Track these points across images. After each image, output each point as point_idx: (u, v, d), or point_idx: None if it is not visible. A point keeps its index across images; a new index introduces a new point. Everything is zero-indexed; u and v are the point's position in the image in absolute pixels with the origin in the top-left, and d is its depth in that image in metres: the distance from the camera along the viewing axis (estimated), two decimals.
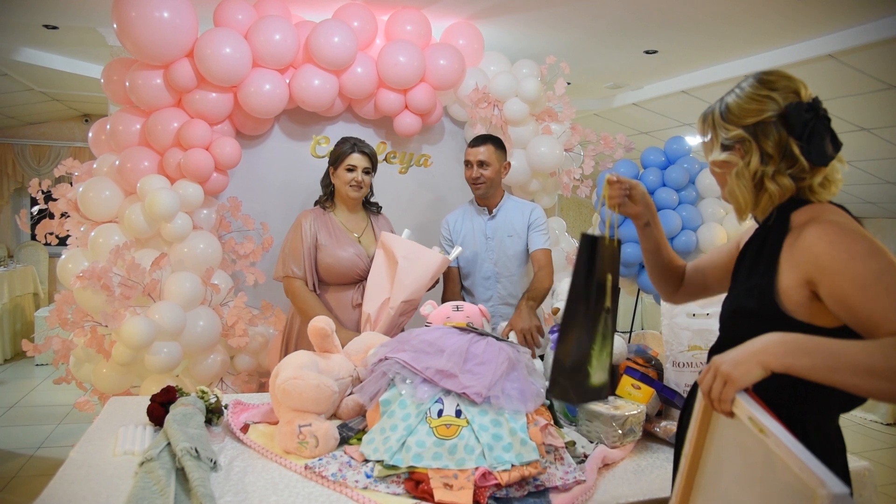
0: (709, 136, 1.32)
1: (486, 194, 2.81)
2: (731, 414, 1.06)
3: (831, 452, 1.20)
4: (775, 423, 0.99)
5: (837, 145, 1.21)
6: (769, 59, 4.10)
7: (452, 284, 2.85)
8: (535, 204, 2.92)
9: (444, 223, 2.94)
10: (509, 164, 2.88)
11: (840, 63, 3.81)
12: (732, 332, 1.26)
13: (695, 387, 1.35)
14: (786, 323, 1.15)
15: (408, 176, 3.68)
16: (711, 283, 1.56)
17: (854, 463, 1.74)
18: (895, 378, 0.97)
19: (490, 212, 2.85)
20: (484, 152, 2.75)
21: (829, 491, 0.83)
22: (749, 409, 1.02)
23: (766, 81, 1.23)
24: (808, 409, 1.19)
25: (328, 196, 2.74)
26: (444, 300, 2.85)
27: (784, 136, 1.19)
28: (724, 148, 1.27)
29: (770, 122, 1.20)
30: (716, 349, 1.29)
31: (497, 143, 2.79)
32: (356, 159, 2.63)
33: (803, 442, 0.98)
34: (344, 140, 2.70)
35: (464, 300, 2.78)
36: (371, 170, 2.69)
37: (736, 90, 1.27)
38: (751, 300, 1.23)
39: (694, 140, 4.53)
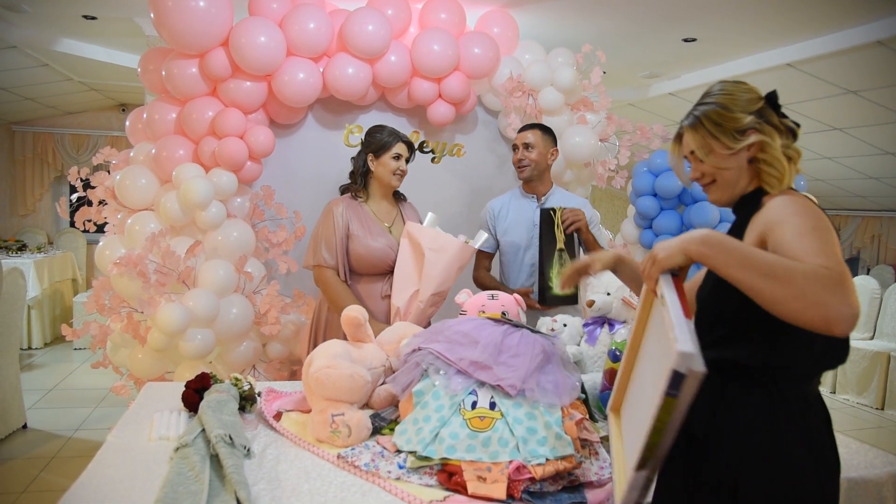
0: (710, 140, 1.37)
1: (531, 177, 2.81)
2: (654, 292, 1.24)
3: (811, 417, 1.27)
4: (675, 298, 1.13)
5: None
6: (812, 47, 3.97)
7: (482, 267, 2.89)
8: (584, 199, 2.90)
9: (488, 210, 2.92)
10: (557, 150, 2.87)
11: (889, 50, 3.67)
12: (705, 305, 1.36)
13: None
14: None
15: (441, 165, 3.66)
16: None
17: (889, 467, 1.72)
18: (792, 283, 1.07)
19: (539, 199, 2.84)
20: (529, 136, 2.78)
21: (680, 348, 0.95)
22: (663, 287, 1.17)
23: (732, 82, 1.38)
24: (782, 374, 1.27)
25: (363, 184, 2.72)
26: (475, 281, 2.91)
27: (776, 116, 1.35)
28: (742, 133, 1.34)
29: (763, 106, 1.34)
30: (697, 324, 1.32)
31: (544, 129, 2.83)
32: (401, 148, 2.63)
33: (782, 405, 1.23)
34: (380, 128, 2.68)
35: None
36: (411, 158, 2.70)
37: (717, 93, 1.38)
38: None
39: None
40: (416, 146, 2.76)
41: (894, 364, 5.00)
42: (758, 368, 1.26)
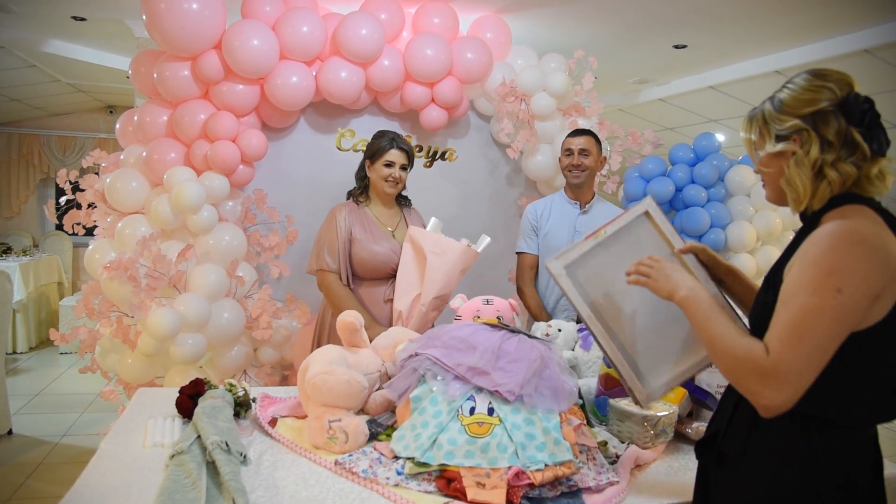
0: (757, 135, 1.31)
1: (583, 184, 2.85)
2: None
3: (855, 464, 1.19)
4: None
5: (888, 141, 1.21)
6: (801, 55, 4.02)
7: (529, 272, 2.91)
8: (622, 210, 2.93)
9: (530, 211, 2.94)
10: (605, 159, 2.94)
11: (876, 58, 3.72)
12: (752, 323, 1.30)
13: (730, 387, 1.36)
14: None
15: (433, 169, 3.66)
16: None
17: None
18: (724, 362, 1.18)
19: (582, 206, 2.85)
20: (585, 142, 2.82)
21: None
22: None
23: (820, 74, 1.23)
24: (821, 420, 1.19)
25: (362, 189, 2.71)
26: (519, 292, 2.95)
27: (843, 124, 1.19)
28: (780, 139, 1.25)
29: (828, 110, 1.19)
30: None
31: (596, 137, 2.88)
32: (394, 155, 2.60)
33: (822, 447, 1.17)
34: (382, 134, 2.67)
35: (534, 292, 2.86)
36: (408, 166, 2.66)
37: (788, 85, 1.26)
38: (765, 292, 1.27)
39: (723, 137, 4.46)
40: (413, 154, 2.71)
41: None
42: (794, 412, 1.16)
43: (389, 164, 2.61)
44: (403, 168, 2.64)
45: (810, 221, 1.24)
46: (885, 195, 1.25)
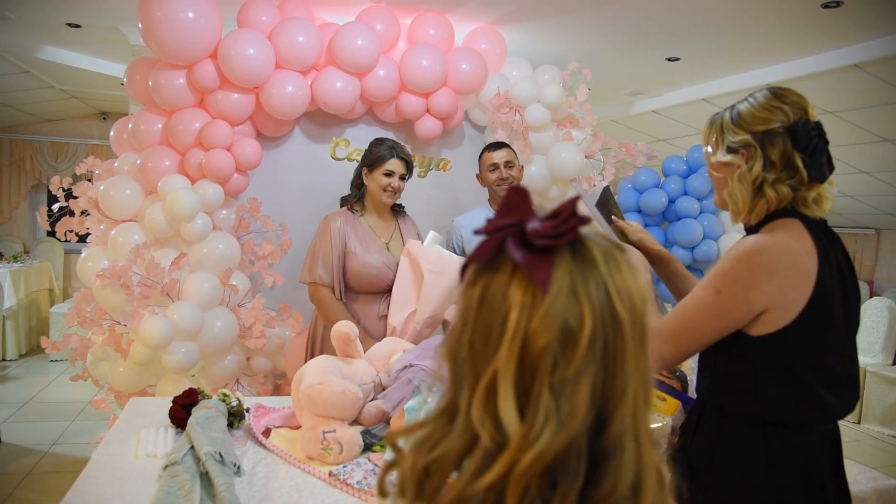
0: (713, 140, 1.37)
1: None
2: None
3: (813, 464, 1.27)
4: None
5: (831, 167, 1.30)
6: (793, 68, 4.06)
7: None
8: None
9: (455, 229, 2.93)
10: (522, 167, 3.02)
11: (865, 73, 3.77)
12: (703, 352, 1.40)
13: (694, 400, 1.47)
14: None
15: (427, 180, 3.67)
16: None
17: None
18: None
19: None
20: (507, 154, 2.87)
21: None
22: None
23: (779, 94, 1.30)
24: (773, 424, 1.29)
25: (358, 197, 2.69)
26: None
27: (789, 147, 1.26)
28: (729, 150, 1.32)
29: (777, 132, 1.27)
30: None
31: (511, 147, 2.97)
32: (394, 164, 2.56)
33: (782, 451, 1.25)
34: (380, 141, 2.63)
35: None
36: (407, 175, 2.62)
37: (749, 99, 1.33)
38: None
39: None
40: (413, 163, 2.68)
41: (870, 379, 5.09)
42: (749, 416, 1.27)
43: (389, 174, 2.56)
44: (402, 178, 2.60)
45: (749, 232, 1.35)
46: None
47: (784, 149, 1.26)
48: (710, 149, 1.39)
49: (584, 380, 0.58)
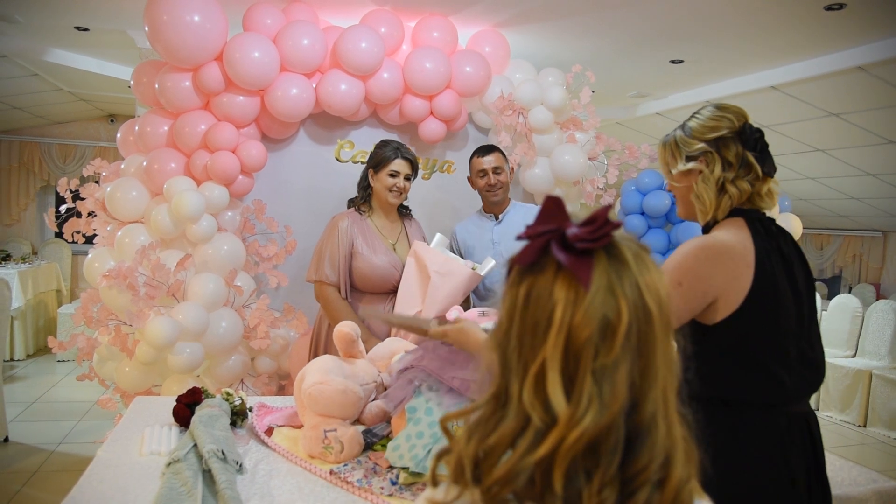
0: (670, 158, 1.53)
1: (503, 199, 2.87)
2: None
3: (771, 443, 1.36)
4: None
5: (774, 166, 1.48)
6: (797, 70, 4.06)
7: None
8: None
9: (454, 235, 2.97)
10: (513, 168, 3.01)
11: (869, 75, 3.77)
12: None
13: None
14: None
15: (431, 182, 3.69)
16: None
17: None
18: None
19: (497, 217, 2.88)
20: (496, 159, 2.84)
21: None
22: None
23: (722, 107, 1.48)
24: (731, 404, 1.39)
25: (365, 199, 2.72)
26: None
27: (740, 148, 1.43)
28: (689, 159, 1.48)
29: (728, 136, 1.44)
30: None
31: (501, 150, 2.93)
32: (399, 165, 2.60)
33: (745, 429, 1.35)
34: (385, 143, 2.67)
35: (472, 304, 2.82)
36: (412, 175, 2.66)
37: (696, 116, 1.50)
38: None
39: None
40: (418, 163, 2.72)
41: (876, 382, 5.07)
42: (711, 398, 1.35)
43: (394, 174, 2.60)
44: (407, 178, 2.64)
45: (703, 232, 1.49)
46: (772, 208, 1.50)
47: (737, 150, 1.43)
48: (670, 168, 1.54)
49: (621, 366, 0.67)
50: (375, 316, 2.21)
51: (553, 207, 0.71)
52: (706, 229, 1.49)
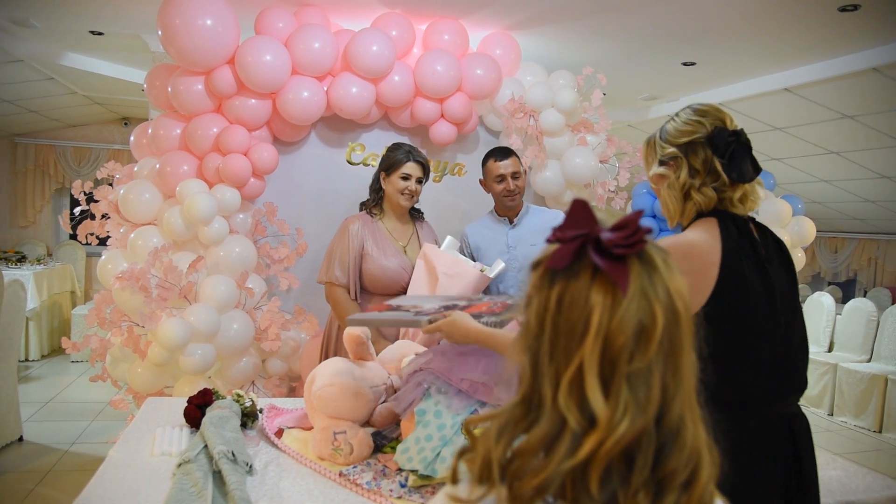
0: (649, 158, 1.52)
1: (519, 203, 2.81)
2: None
3: (752, 444, 1.34)
4: None
5: (757, 169, 1.43)
6: (810, 72, 4.03)
7: None
8: (558, 211, 2.91)
9: (465, 237, 2.91)
10: (526, 171, 2.96)
11: (884, 76, 3.73)
12: None
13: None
14: None
15: (441, 184, 3.69)
16: None
17: None
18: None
19: (511, 221, 2.84)
20: (513, 164, 2.75)
21: None
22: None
23: (699, 110, 1.45)
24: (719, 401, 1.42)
25: (377, 202, 2.72)
26: None
27: (709, 154, 1.41)
28: (661, 164, 1.47)
29: (699, 142, 1.41)
30: None
31: (515, 153, 2.85)
32: (411, 168, 2.60)
33: (736, 429, 1.24)
34: (397, 146, 2.67)
35: None
36: (424, 179, 2.66)
37: (675, 117, 1.48)
38: None
39: None
40: (429, 166, 2.70)
41: (892, 386, 5.01)
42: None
43: (406, 177, 2.60)
44: (419, 181, 2.64)
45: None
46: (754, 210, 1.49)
47: (706, 156, 1.41)
48: (648, 166, 1.54)
49: (655, 370, 0.68)
50: (365, 322, 1.97)
51: (581, 211, 0.71)
52: (681, 229, 1.51)
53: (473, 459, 0.72)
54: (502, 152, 2.78)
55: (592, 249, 0.68)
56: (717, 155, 1.40)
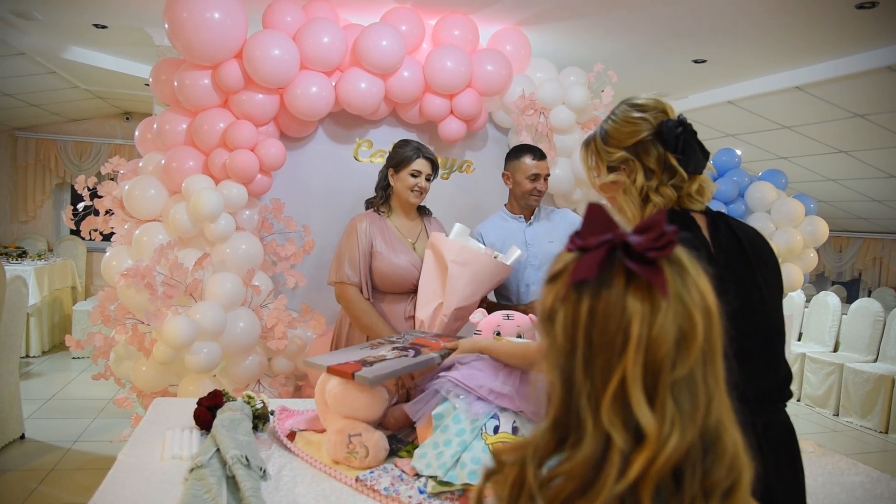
0: (593, 163, 1.43)
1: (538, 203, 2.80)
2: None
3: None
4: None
5: (706, 154, 1.35)
6: (821, 71, 3.99)
7: None
8: (566, 210, 2.89)
9: (477, 236, 2.86)
10: None
11: None
12: None
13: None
14: None
15: (450, 181, 3.65)
16: None
17: None
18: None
19: (527, 219, 2.81)
20: (547, 166, 2.74)
21: None
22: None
23: (637, 105, 1.35)
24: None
25: (384, 199, 2.68)
26: None
27: (661, 151, 1.32)
28: (611, 170, 1.38)
29: (647, 140, 1.32)
30: None
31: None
32: (421, 164, 2.56)
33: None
34: (406, 143, 2.63)
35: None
36: (433, 175, 2.62)
37: (611, 117, 1.39)
38: None
39: (740, 152, 4.43)
40: (438, 163, 2.67)
41: None
42: None
43: (415, 174, 2.56)
44: (428, 178, 2.60)
45: None
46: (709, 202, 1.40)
47: (658, 153, 1.32)
48: (594, 173, 1.44)
49: (697, 375, 0.65)
50: (376, 378, 1.66)
51: (598, 215, 0.67)
52: None
53: (501, 481, 0.69)
54: (539, 153, 2.75)
55: (625, 256, 0.64)
56: (668, 150, 1.31)
